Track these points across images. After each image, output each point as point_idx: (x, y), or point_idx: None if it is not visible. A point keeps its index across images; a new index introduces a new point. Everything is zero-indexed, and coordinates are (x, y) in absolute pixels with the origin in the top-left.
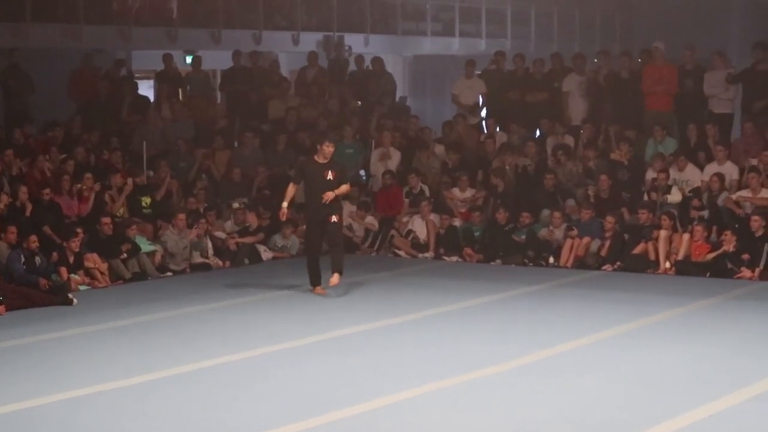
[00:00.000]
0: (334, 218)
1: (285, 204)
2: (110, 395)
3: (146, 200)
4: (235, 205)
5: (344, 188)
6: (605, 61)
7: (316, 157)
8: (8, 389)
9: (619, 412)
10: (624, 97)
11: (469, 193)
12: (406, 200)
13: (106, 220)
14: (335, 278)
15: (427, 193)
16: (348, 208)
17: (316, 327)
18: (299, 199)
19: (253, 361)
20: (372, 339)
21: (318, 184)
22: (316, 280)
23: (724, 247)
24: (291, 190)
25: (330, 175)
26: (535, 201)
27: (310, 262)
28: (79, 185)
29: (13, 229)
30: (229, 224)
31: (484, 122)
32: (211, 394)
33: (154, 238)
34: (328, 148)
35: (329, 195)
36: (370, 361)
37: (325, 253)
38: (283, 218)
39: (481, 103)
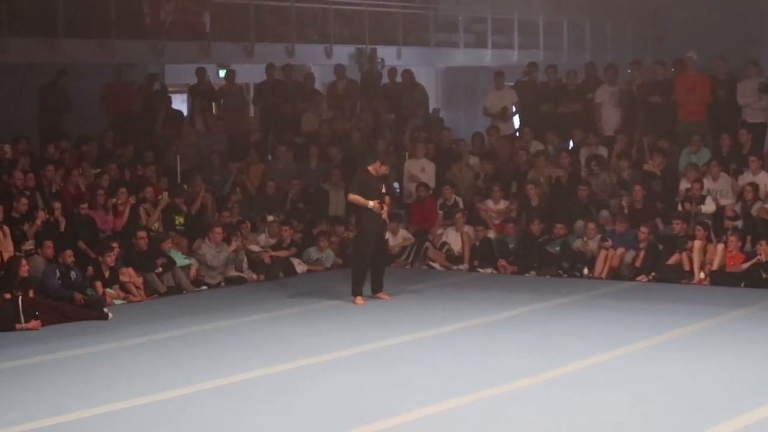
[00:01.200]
0: (387, 235)
1: (371, 203)
2: (145, 409)
3: (179, 219)
4: (270, 218)
5: (389, 202)
6: (638, 71)
7: (370, 169)
8: (44, 403)
9: (653, 423)
10: (657, 107)
11: (503, 204)
12: (440, 212)
13: (142, 234)
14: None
15: (461, 204)
16: None
17: (350, 340)
18: (334, 212)
19: (287, 374)
20: (406, 351)
21: (375, 196)
22: (360, 290)
23: (759, 257)
24: (360, 196)
25: (383, 189)
26: (569, 212)
27: (361, 271)
28: (113, 200)
29: (49, 243)
30: (263, 237)
31: (517, 133)
32: (245, 408)
33: (189, 252)
34: (383, 168)
35: (386, 213)
36: (404, 373)
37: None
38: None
39: (513, 114)
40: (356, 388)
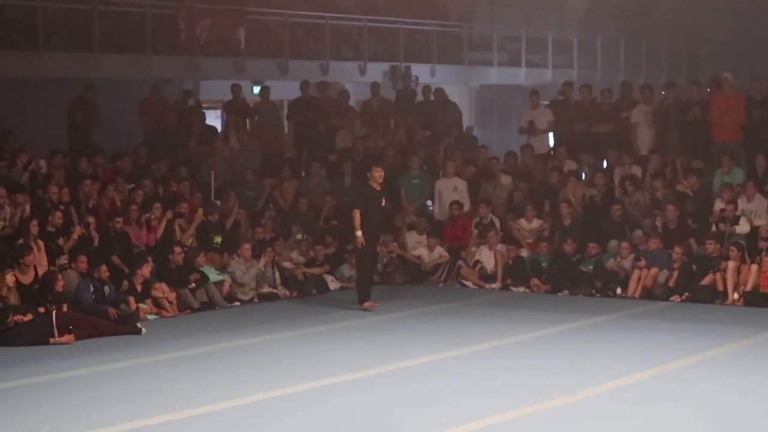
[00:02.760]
0: (380, 248)
1: (359, 232)
2: (178, 424)
3: (217, 239)
4: (298, 236)
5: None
6: (672, 92)
7: (371, 184)
8: (77, 418)
9: None
10: (691, 128)
11: (536, 223)
12: (475, 231)
13: (179, 249)
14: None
15: (498, 224)
16: (416, 237)
17: (383, 357)
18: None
19: (319, 391)
20: (439, 369)
21: (375, 210)
22: (367, 297)
23: None
24: (359, 216)
25: (383, 202)
26: (603, 231)
27: (366, 281)
28: (147, 215)
29: (83, 258)
30: (295, 254)
31: (551, 152)
32: (277, 424)
33: (222, 268)
34: (378, 173)
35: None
36: (437, 391)
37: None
38: (360, 245)
39: (545, 131)
40: (388, 406)
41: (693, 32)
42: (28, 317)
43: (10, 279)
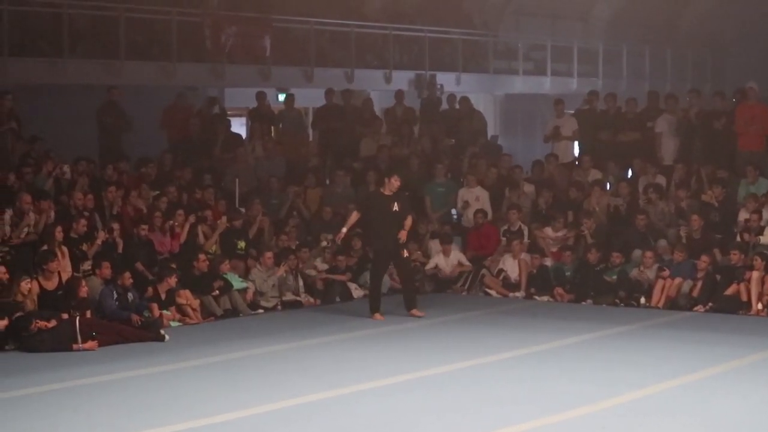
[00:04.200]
0: (405, 253)
1: (344, 229)
2: None
3: (241, 244)
4: (323, 243)
5: (409, 222)
6: (696, 100)
7: (382, 190)
8: (100, 424)
9: None
10: (716, 137)
11: (562, 232)
12: (504, 238)
13: (203, 257)
14: (419, 312)
15: (526, 231)
16: (439, 246)
17: (406, 365)
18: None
19: (343, 398)
20: (462, 378)
21: (385, 215)
22: (377, 307)
23: None
24: (354, 217)
25: (396, 206)
26: (627, 241)
27: (375, 289)
28: (171, 222)
29: (107, 264)
30: (319, 261)
31: (576, 161)
32: None
33: (246, 276)
34: (396, 182)
35: (403, 234)
36: (459, 400)
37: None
38: (339, 241)
39: (570, 138)
40: (409, 415)
41: (718, 42)
42: (52, 323)
43: (25, 286)
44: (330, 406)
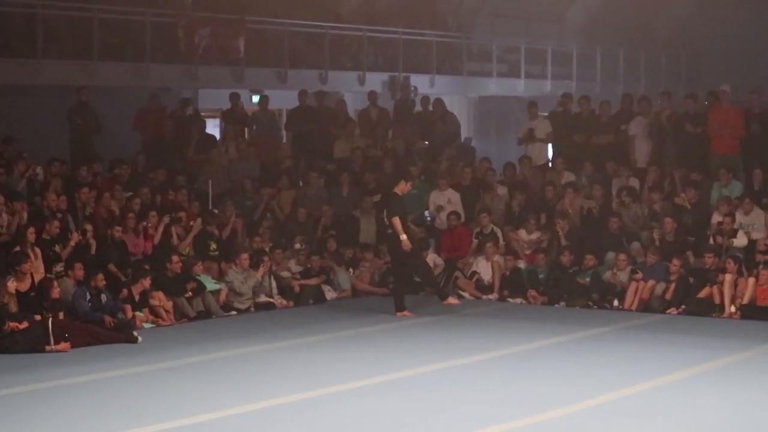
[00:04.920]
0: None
1: (404, 236)
2: None
3: (213, 245)
4: (297, 246)
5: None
6: (668, 102)
7: (397, 192)
8: (72, 426)
9: None
10: (689, 140)
11: (536, 235)
12: (476, 241)
13: (176, 258)
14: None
15: (500, 234)
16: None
17: (379, 367)
18: (365, 239)
19: (315, 400)
20: (435, 380)
21: (405, 217)
22: (402, 305)
23: None
24: (398, 222)
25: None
26: (600, 243)
27: (400, 290)
28: (144, 223)
29: (79, 266)
30: (293, 263)
31: (550, 163)
32: None
33: (219, 277)
34: (408, 186)
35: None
36: (432, 402)
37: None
38: (408, 249)
39: (547, 144)
40: (384, 416)
41: (693, 45)
42: (24, 325)
43: (11, 286)
44: (306, 408)
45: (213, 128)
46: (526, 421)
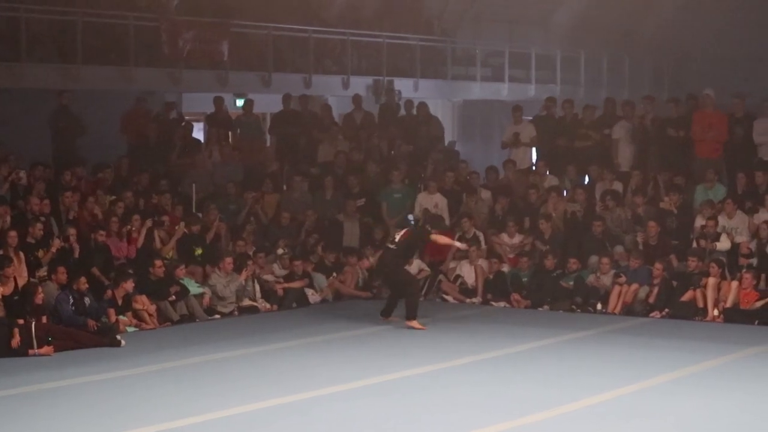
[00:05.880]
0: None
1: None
2: None
3: (198, 251)
4: (280, 251)
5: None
6: (651, 106)
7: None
8: (55, 430)
9: None
10: (672, 144)
11: (518, 238)
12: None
13: (159, 263)
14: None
15: (482, 238)
16: None
17: (363, 371)
18: (348, 243)
19: (299, 404)
20: (419, 384)
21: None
22: (415, 315)
23: None
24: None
25: None
26: (584, 247)
27: (416, 299)
28: (127, 227)
29: (62, 270)
30: (276, 267)
31: (534, 167)
32: None
33: (203, 281)
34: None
35: None
36: (416, 405)
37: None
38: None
39: (531, 148)
40: (370, 419)
41: (677, 50)
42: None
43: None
44: (289, 411)
45: (197, 132)
46: (509, 424)
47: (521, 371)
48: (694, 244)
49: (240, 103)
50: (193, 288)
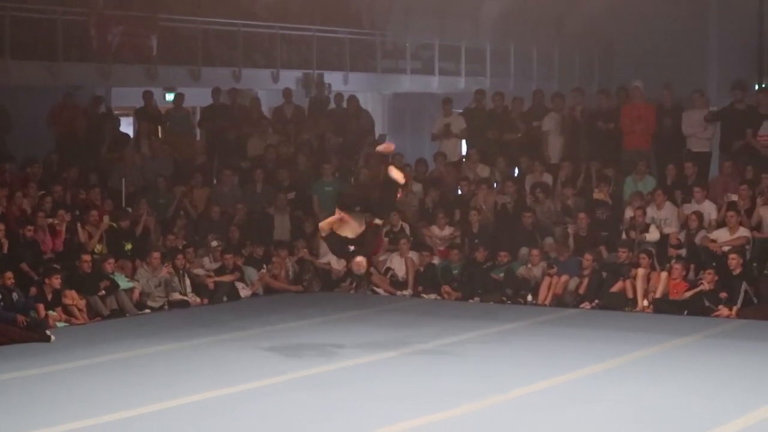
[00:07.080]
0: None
1: None
2: None
3: (128, 245)
4: (213, 243)
5: None
6: (580, 98)
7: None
8: None
9: None
10: (602, 136)
11: (448, 231)
12: (386, 238)
13: (86, 257)
14: None
15: (408, 231)
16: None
17: (292, 364)
18: (278, 236)
19: (229, 398)
20: (350, 376)
21: None
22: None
23: (702, 286)
24: None
25: None
26: (514, 239)
27: None
28: (51, 220)
29: None
30: (207, 260)
31: (464, 159)
32: (186, 431)
33: (132, 276)
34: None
35: None
36: (346, 398)
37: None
38: None
39: (461, 141)
40: (298, 413)
41: (606, 42)
42: None
43: None
44: (218, 405)
45: (126, 126)
46: (440, 415)
47: (450, 363)
48: (624, 236)
49: (170, 97)
50: (123, 283)
